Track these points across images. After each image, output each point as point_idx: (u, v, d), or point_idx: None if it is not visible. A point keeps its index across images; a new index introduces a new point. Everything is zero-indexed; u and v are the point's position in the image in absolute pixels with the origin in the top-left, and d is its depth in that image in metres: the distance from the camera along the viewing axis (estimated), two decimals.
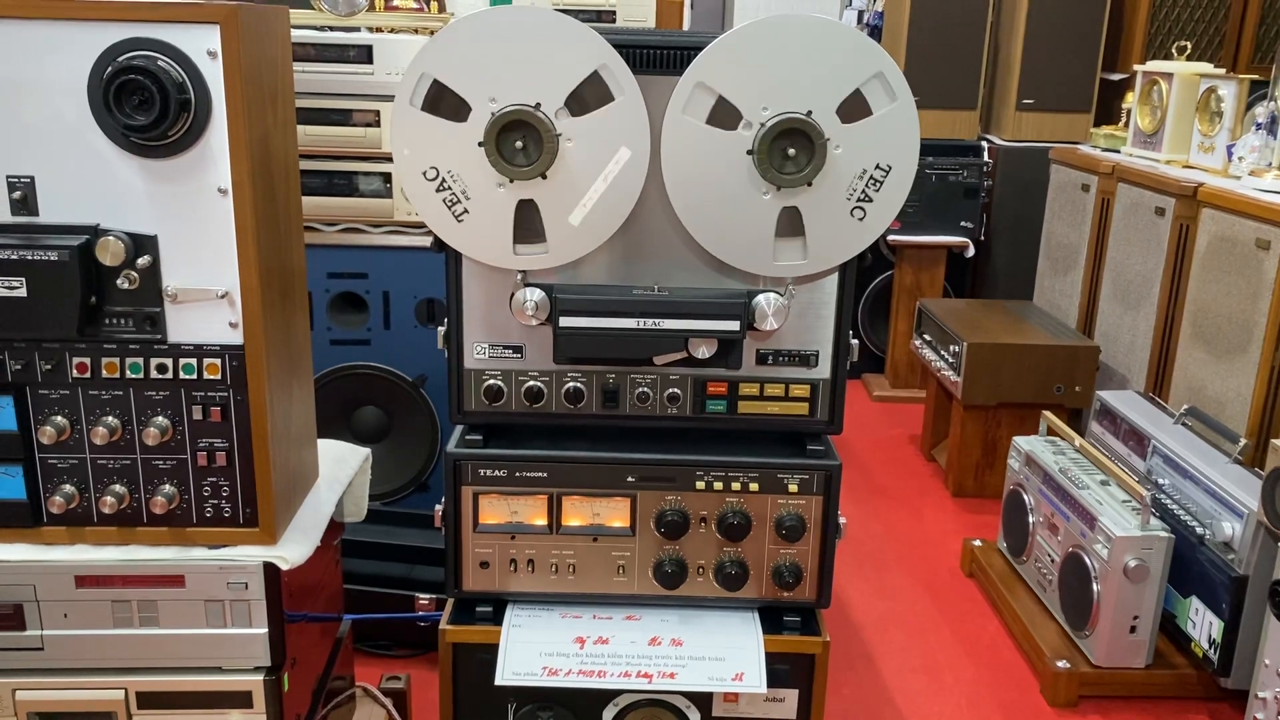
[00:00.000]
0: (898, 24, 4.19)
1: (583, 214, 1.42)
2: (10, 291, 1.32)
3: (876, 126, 1.41)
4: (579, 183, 1.41)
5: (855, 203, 1.43)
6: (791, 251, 1.46)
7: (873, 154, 1.41)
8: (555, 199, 1.42)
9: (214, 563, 1.44)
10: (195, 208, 1.34)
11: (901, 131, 1.41)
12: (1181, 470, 2.35)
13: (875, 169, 1.42)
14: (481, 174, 1.41)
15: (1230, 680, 2.18)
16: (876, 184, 1.43)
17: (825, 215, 1.44)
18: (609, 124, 1.39)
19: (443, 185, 1.42)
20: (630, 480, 1.55)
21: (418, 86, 1.38)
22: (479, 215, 1.43)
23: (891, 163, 1.42)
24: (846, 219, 1.44)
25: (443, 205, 1.42)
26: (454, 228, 1.44)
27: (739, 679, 1.51)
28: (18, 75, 1.29)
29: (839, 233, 1.45)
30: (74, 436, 1.40)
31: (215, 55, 1.29)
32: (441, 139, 1.40)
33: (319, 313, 2.44)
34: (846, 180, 1.42)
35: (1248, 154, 2.71)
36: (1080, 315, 3.43)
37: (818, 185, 1.41)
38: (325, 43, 2.41)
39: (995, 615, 2.67)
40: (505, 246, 1.45)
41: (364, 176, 2.47)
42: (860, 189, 1.43)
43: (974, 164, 4.15)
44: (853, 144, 1.41)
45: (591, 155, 1.40)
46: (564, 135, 1.39)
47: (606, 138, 1.40)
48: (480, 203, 1.42)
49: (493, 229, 1.44)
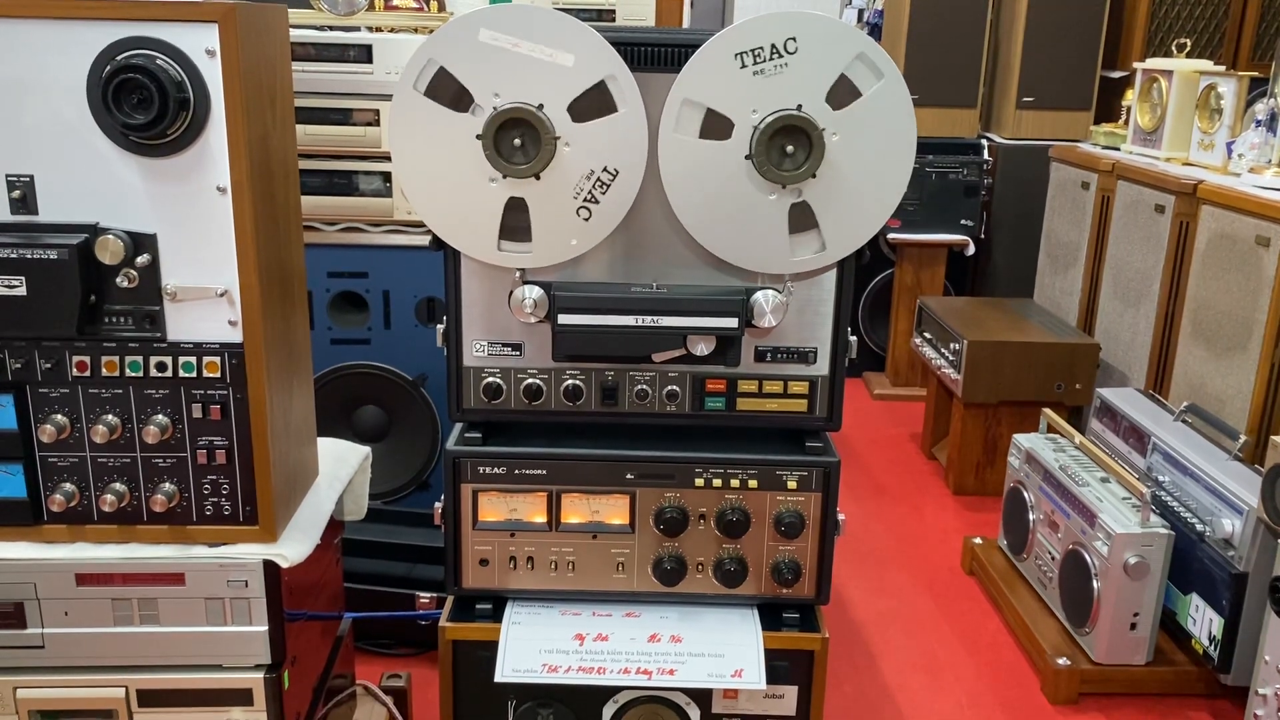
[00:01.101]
0: (898, 22, 4.19)
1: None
2: (10, 290, 1.32)
3: (869, 106, 1.40)
4: (570, 187, 1.42)
5: (863, 183, 1.43)
6: (807, 245, 1.46)
7: (870, 133, 1.41)
8: (545, 200, 1.42)
9: (214, 561, 1.44)
10: (194, 206, 1.35)
11: (894, 106, 1.41)
12: (1181, 467, 2.35)
13: (874, 148, 1.42)
14: (475, 167, 1.41)
15: (1230, 677, 2.17)
16: (881, 159, 1.42)
17: (836, 202, 1.44)
18: (609, 134, 1.40)
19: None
20: (629, 477, 1.55)
21: (423, 71, 1.39)
22: (466, 206, 1.43)
23: (890, 137, 1.42)
24: (858, 201, 1.44)
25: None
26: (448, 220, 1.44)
27: (738, 675, 1.51)
28: (17, 74, 1.29)
29: (853, 216, 1.45)
30: (74, 435, 1.41)
31: (214, 54, 1.30)
32: (440, 125, 1.40)
33: (319, 312, 2.45)
34: (849, 164, 1.42)
35: (1248, 151, 2.71)
36: (1080, 313, 3.43)
37: (822, 175, 1.41)
38: (325, 42, 2.42)
39: (995, 613, 2.67)
40: (490, 241, 1.45)
41: (364, 176, 2.47)
42: (864, 170, 1.42)
43: (974, 162, 4.15)
44: (848, 128, 1.41)
45: (586, 162, 1.41)
46: (563, 139, 1.39)
47: (604, 147, 1.40)
48: (469, 193, 1.43)
49: (478, 221, 1.44)
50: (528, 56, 1.37)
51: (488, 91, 1.38)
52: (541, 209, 1.43)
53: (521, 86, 1.38)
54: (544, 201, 1.43)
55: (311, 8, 2.55)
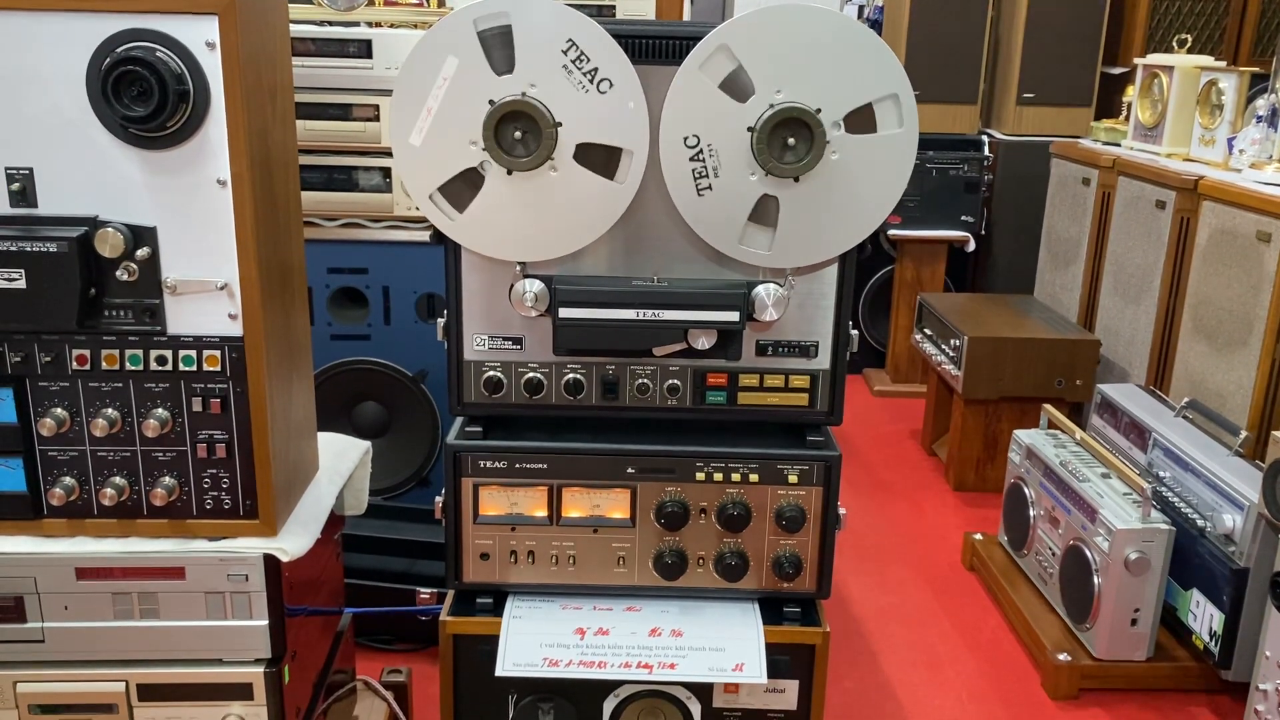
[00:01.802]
0: (898, 18, 4.19)
1: (420, 134, 1.40)
2: (9, 283, 1.31)
3: (877, 145, 1.40)
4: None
5: (837, 208, 1.43)
6: (759, 239, 1.45)
7: (866, 169, 1.41)
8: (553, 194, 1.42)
9: (214, 555, 1.44)
10: (194, 199, 1.34)
11: (898, 159, 1.41)
12: (1182, 463, 2.35)
13: (865, 183, 1.42)
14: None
15: (1231, 672, 2.18)
16: (860, 201, 1.42)
17: (800, 215, 1.43)
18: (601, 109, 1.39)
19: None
20: (630, 471, 1.54)
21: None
22: (481, 205, 1.43)
23: (879, 185, 1.42)
24: (819, 226, 1.44)
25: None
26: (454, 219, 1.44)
27: (739, 669, 1.51)
28: (16, 67, 1.29)
29: (808, 237, 1.45)
30: (74, 429, 1.40)
31: (214, 46, 1.29)
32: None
33: (319, 308, 2.44)
34: (831, 188, 1.42)
35: (1248, 147, 2.71)
36: (1081, 309, 3.43)
37: (804, 183, 1.41)
38: (325, 37, 2.42)
39: (996, 608, 2.67)
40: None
41: (364, 172, 2.47)
42: (844, 196, 1.42)
43: (974, 158, 4.15)
44: (849, 154, 1.40)
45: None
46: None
47: (604, 130, 1.40)
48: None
49: (494, 219, 1.44)
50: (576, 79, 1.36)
51: (525, 77, 1.37)
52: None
53: (554, 95, 1.37)
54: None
55: (311, 3, 2.55)
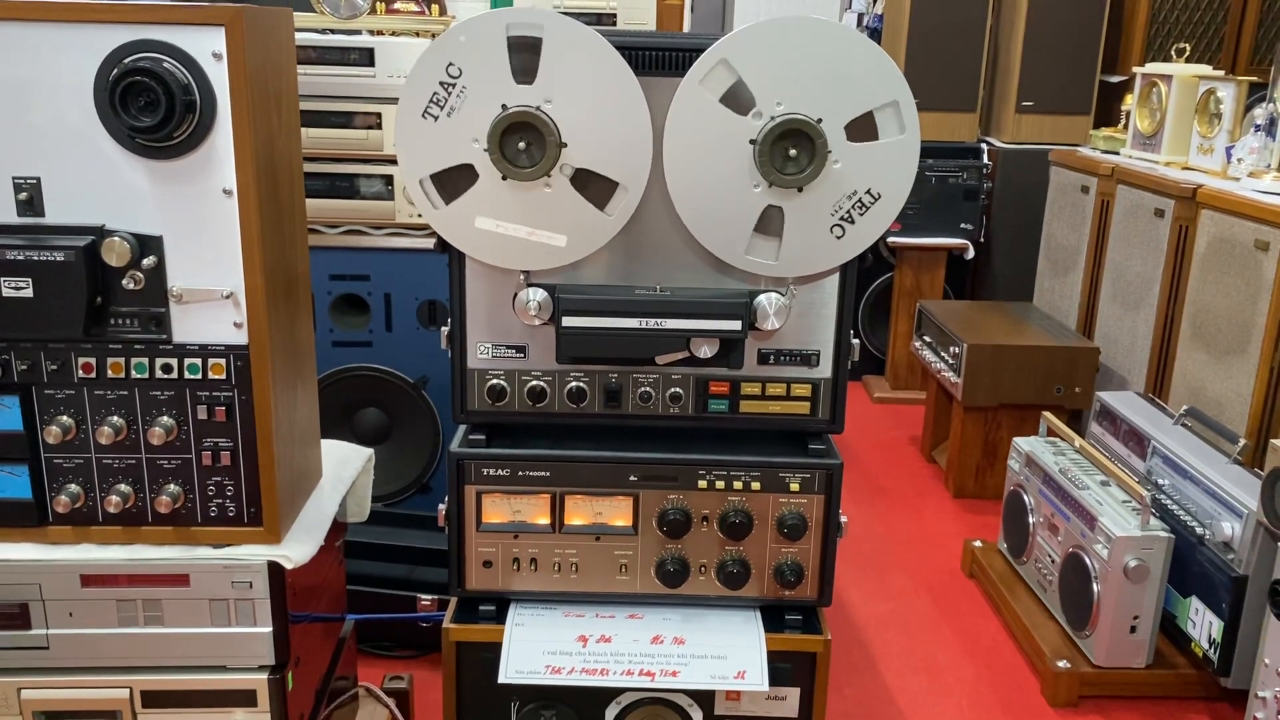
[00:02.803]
0: (897, 26, 4.20)
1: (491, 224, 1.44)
2: (17, 292, 1.32)
3: (879, 152, 1.41)
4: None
5: (838, 220, 1.44)
6: (765, 250, 1.46)
7: (868, 178, 1.42)
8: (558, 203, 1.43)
9: (218, 562, 1.44)
10: (200, 209, 1.35)
11: (901, 164, 1.42)
12: (1181, 471, 2.35)
13: (866, 193, 1.43)
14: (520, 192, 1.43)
15: (1230, 680, 2.18)
16: (863, 207, 1.43)
17: (806, 224, 1.44)
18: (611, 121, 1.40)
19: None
20: (632, 479, 1.55)
21: (425, 189, 1.42)
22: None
23: (883, 191, 1.43)
24: (825, 234, 1.45)
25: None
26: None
27: (741, 677, 1.51)
28: (24, 77, 1.30)
29: (814, 245, 1.46)
30: (79, 436, 1.41)
31: (220, 57, 1.30)
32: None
33: (321, 315, 2.45)
34: (836, 196, 1.43)
35: (1247, 155, 2.72)
36: (1080, 316, 3.44)
37: (808, 193, 1.42)
38: (327, 45, 2.42)
39: (996, 615, 2.68)
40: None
41: (365, 179, 2.48)
42: (846, 208, 1.43)
43: (974, 166, 4.16)
44: (852, 163, 1.41)
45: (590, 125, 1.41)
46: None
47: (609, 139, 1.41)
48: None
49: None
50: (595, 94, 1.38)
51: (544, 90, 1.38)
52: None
53: (567, 115, 1.38)
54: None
55: (314, 11, 2.56)
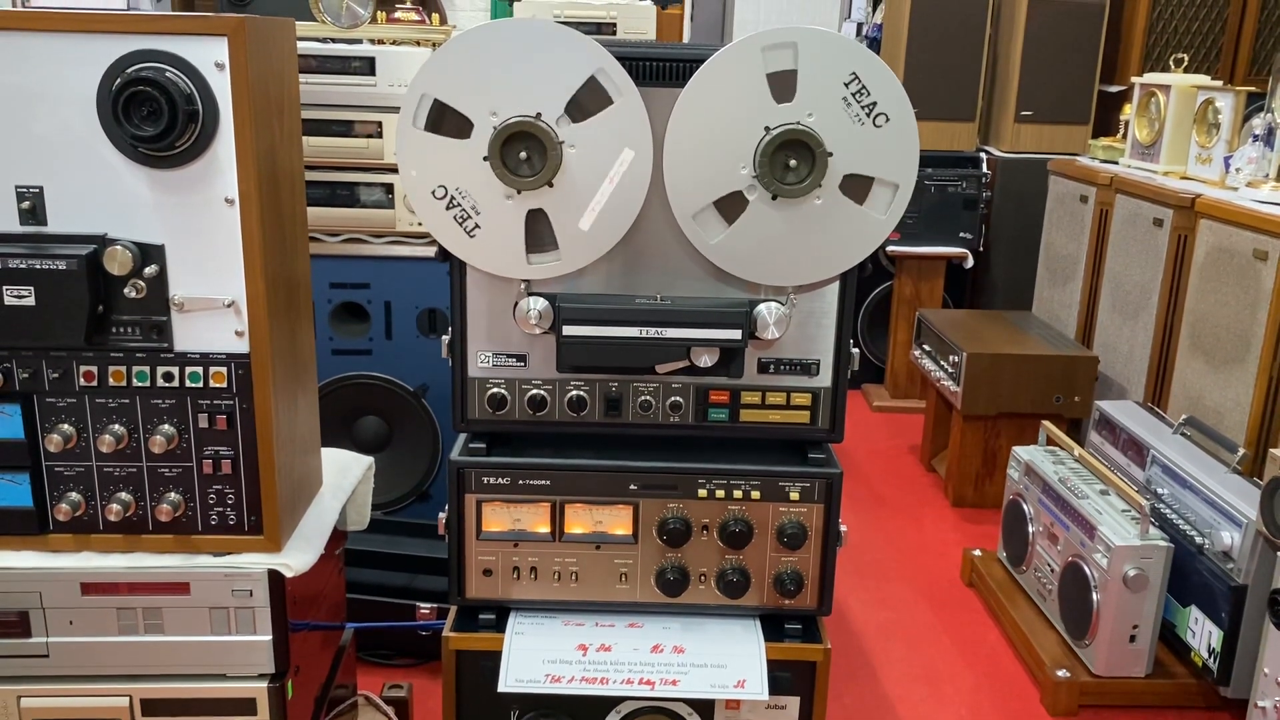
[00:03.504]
0: (896, 36, 4.22)
1: (592, 217, 1.43)
2: (19, 300, 1.33)
3: (806, 81, 1.40)
4: (585, 188, 1.42)
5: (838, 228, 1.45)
6: (880, 198, 1.46)
7: (871, 147, 1.42)
8: (563, 206, 1.43)
9: (219, 570, 1.44)
10: (202, 218, 1.36)
11: (899, 123, 1.41)
12: (1180, 480, 2.36)
13: (876, 160, 1.43)
14: (489, 188, 1.42)
15: (1230, 689, 2.18)
16: (865, 91, 1.42)
17: (808, 233, 1.45)
18: (610, 127, 1.40)
19: (452, 203, 1.43)
20: (632, 488, 1.55)
21: (419, 107, 1.40)
22: (490, 228, 1.44)
23: (894, 149, 1.42)
24: (826, 242, 1.46)
25: (453, 222, 1.43)
26: (466, 243, 1.45)
27: (741, 686, 1.51)
28: (28, 86, 1.30)
29: (817, 253, 1.46)
30: (80, 444, 1.41)
31: (223, 67, 1.31)
32: (447, 157, 1.41)
33: (321, 323, 2.45)
34: (849, 173, 1.43)
35: (1245, 165, 2.73)
36: (1079, 325, 3.44)
37: (826, 185, 1.42)
38: (328, 54, 2.43)
39: (995, 624, 2.68)
40: (518, 256, 1.46)
41: (366, 187, 2.48)
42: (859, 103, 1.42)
43: (973, 175, 4.17)
44: (844, 141, 1.41)
45: (595, 159, 1.41)
46: (567, 142, 1.40)
47: (609, 141, 1.41)
48: (490, 216, 1.44)
49: (504, 241, 1.45)
50: (514, 69, 1.38)
51: (484, 111, 1.39)
52: (560, 215, 1.44)
53: (516, 99, 1.38)
54: (562, 207, 1.43)
55: (315, 20, 2.56)
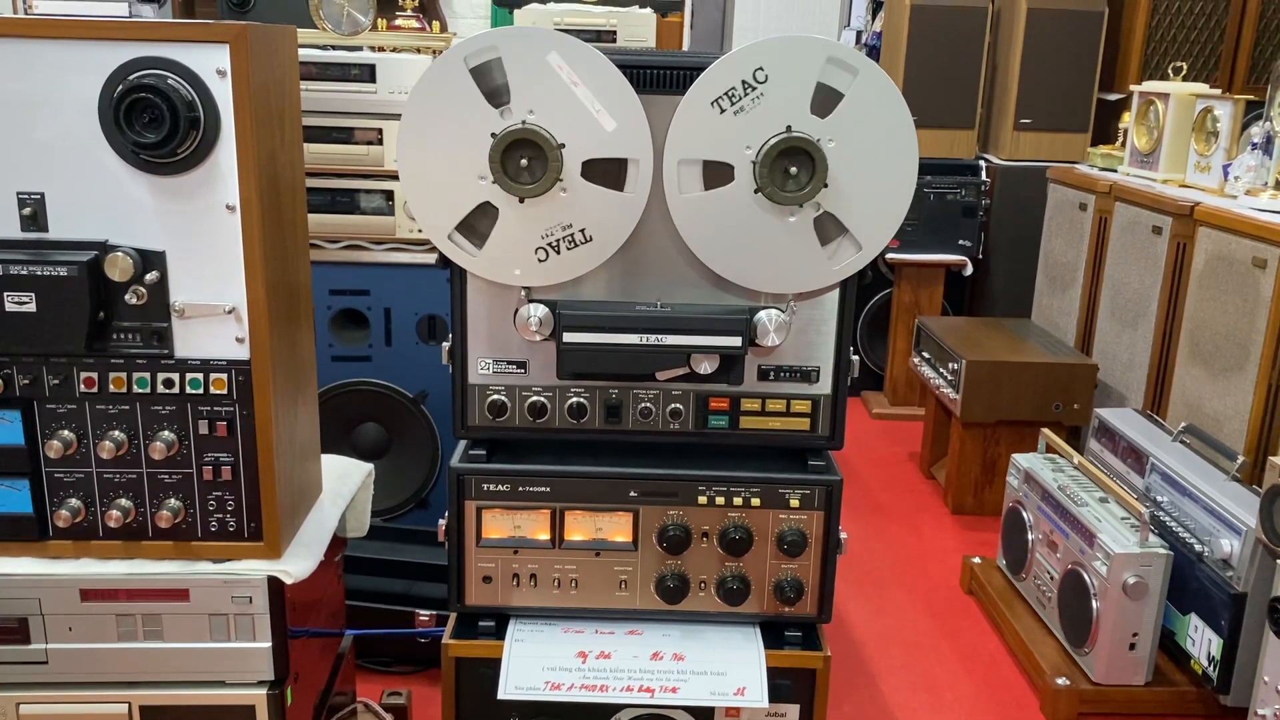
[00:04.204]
0: (896, 44, 4.23)
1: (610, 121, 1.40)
2: (20, 306, 1.33)
3: (854, 104, 1.41)
4: (543, 227, 1.44)
5: (878, 174, 1.44)
6: (843, 251, 1.47)
7: (865, 128, 1.42)
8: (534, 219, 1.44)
9: (218, 577, 1.44)
10: (203, 224, 1.36)
11: (878, 95, 1.41)
12: (1180, 488, 2.36)
13: (874, 140, 1.43)
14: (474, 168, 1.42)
15: (1230, 697, 2.18)
16: (883, 146, 1.43)
17: (854, 202, 1.44)
18: (605, 206, 1.42)
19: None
20: (632, 495, 1.55)
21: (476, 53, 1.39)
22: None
23: (885, 122, 1.42)
24: (874, 195, 1.45)
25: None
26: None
27: (741, 694, 1.51)
28: (30, 93, 1.31)
29: (874, 209, 1.45)
30: (80, 450, 1.41)
31: (224, 74, 1.31)
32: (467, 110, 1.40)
33: (320, 329, 2.45)
34: (855, 162, 1.43)
35: (1244, 173, 2.74)
36: (1078, 333, 3.45)
37: (833, 183, 1.42)
38: (328, 61, 2.43)
39: (995, 632, 2.67)
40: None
41: (366, 194, 2.48)
42: (872, 163, 1.43)
43: (972, 183, 4.17)
44: (841, 131, 1.41)
45: (569, 216, 1.43)
46: (563, 184, 1.41)
47: (595, 213, 1.43)
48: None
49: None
50: (576, 96, 1.38)
51: (523, 105, 1.39)
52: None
53: (554, 118, 1.39)
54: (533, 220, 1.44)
55: (315, 27, 2.57)
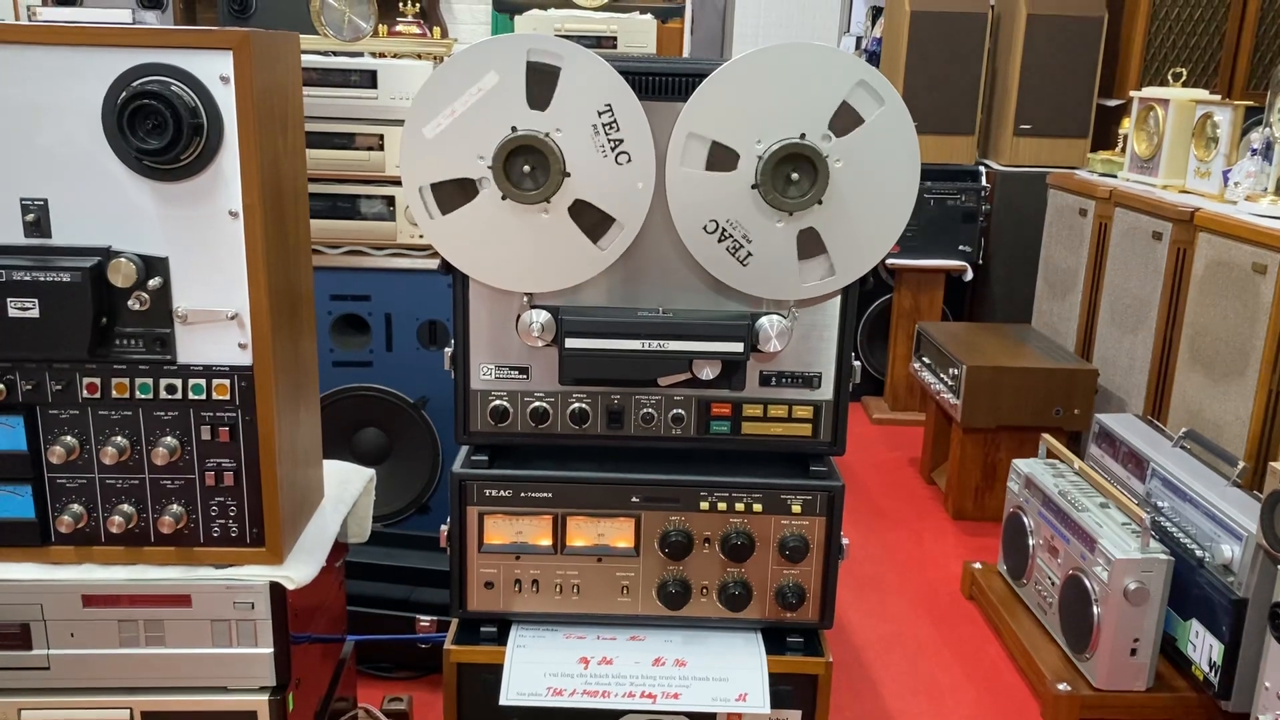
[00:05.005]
0: (896, 50, 4.23)
1: (437, 129, 1.40)
2: (23, 312, 1.33)
3: (871, 132, 1.42)
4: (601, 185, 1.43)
5: (869, 208, 1.45)
6: (816, 270, 1.48)
7: (874, 160, 1.43)
8: (835, 220, 1.45)
9: (220, 582, 1.45)
10: (206, 230, 1.36)
11: (896, 131, 1.42)
12: (1180, 493, 2.36)
13: (879, 174, 1.44)
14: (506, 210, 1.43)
15: (1231, 703, 2.18)
16: (886, 185, 1.44)
17: (842, 227, 1.45)
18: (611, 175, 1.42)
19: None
20: (634, 501, 1.55)
21: (424, 198, 1.43)
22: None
23: (894, 163, 1.43)
24: (864, 226, 1.46)
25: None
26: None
27: (742, 699, 1.51)
28: (34, 100, 1.31)
29: (860, 240, 1.46)
30: (83, 456, 1.41)
31: (227, 80, 1.31)
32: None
33: (322, 334, 2.45)
34: (855, 190, 1.44)
35: (1243, 179, 2.74)
36: (1079, 338, 3.45)
37: (828, 201, 1.43)
38: (330, 67, 2.44)
39: (996, 638, 2.67)
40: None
41: (367, 200, 2.49)
42: (870, 196, 1.44)
43: (972, 189, 4.18)
44: (851, 154, 1.42)
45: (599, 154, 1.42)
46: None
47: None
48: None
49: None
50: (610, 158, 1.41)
51: (554, 121, 1.40)
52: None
53: (576, 151, 1.40)
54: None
55: (316, 33, 2.57)
